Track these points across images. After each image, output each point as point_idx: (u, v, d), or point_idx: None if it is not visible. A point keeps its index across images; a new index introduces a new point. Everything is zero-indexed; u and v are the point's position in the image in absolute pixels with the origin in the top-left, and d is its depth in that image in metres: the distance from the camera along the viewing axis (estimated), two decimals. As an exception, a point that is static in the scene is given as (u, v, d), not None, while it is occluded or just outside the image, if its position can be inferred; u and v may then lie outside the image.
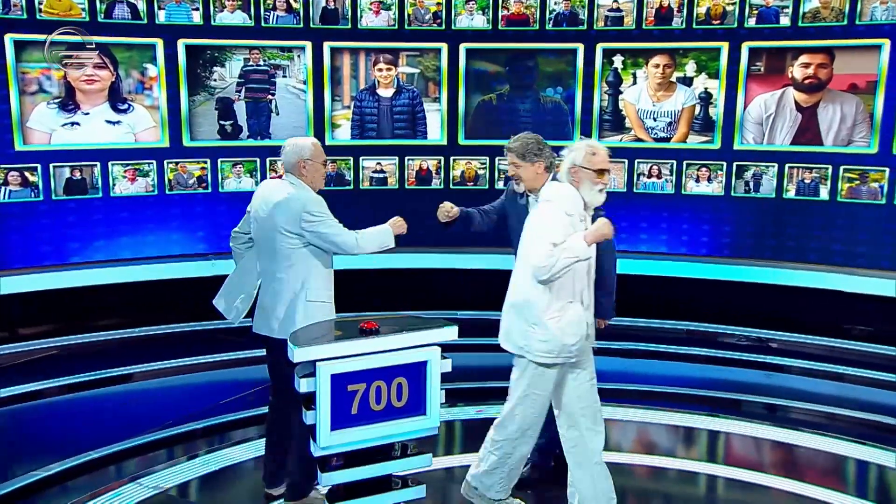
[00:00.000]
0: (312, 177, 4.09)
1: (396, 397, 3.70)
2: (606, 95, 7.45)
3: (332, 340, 3.61)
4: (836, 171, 6.85)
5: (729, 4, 6.96)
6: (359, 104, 7.59)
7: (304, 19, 7.31)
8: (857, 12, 6.60)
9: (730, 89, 7.14)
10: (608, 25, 7.28)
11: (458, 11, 7.43)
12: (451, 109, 7.62)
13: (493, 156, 7.62)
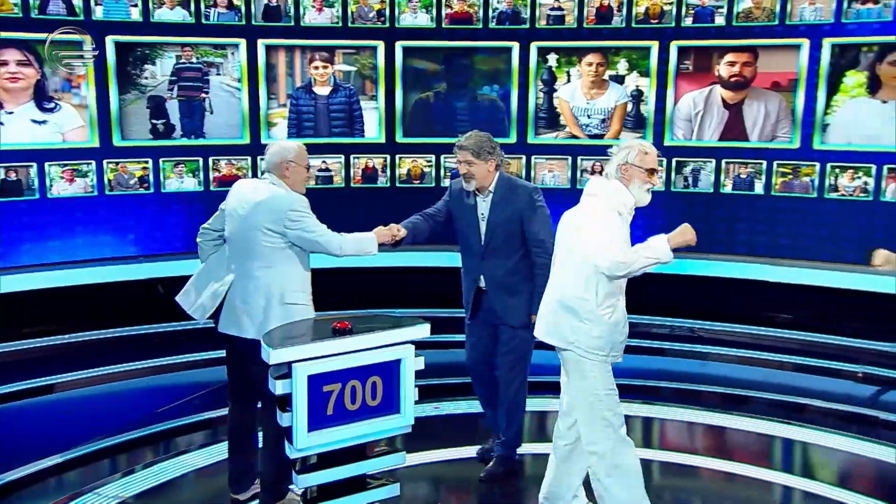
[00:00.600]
0: (294, 179, 4.06)
1: (371, 396, 3.69)
2: (541, 93, 7.56)
3: (308, 341, 3.57)
4: (770, 165, 7.12)
5: (666, 4, 7.15)
6: (295, 102, 7.49)
7: (245, 16, 7.18)
8: (786, 13, 6.88)
9: (660, 87, 7.35)
10: (550, 24, 7.38)
11: (401, 10, 7.42)
12: (389, 107, 7.60)
13: (431, 153, 7.66)
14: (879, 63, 6.71)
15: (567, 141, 7.58)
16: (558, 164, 7.55)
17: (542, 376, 5.55)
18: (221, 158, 7.37)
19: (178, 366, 6.30)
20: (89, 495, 4.39)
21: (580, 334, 3.80)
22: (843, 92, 6.86)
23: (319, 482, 3.68)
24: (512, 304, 4.49)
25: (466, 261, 4.63)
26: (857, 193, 6.83)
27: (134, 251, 7.20)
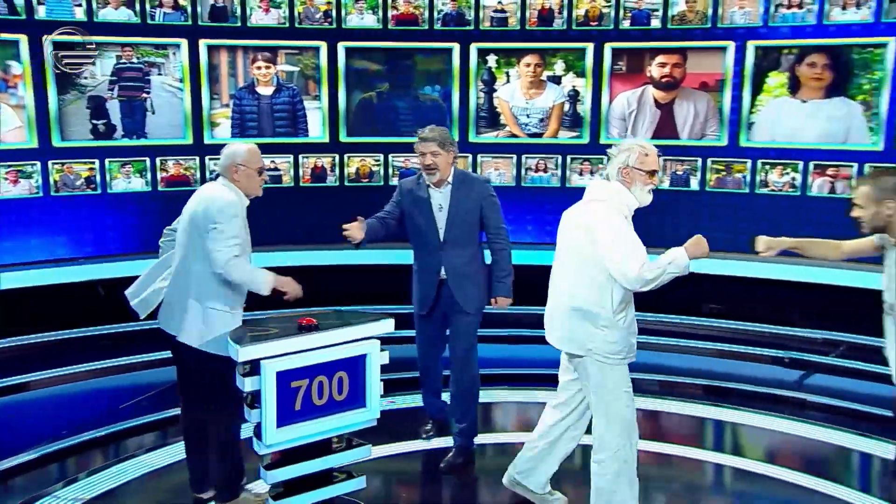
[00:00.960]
0: (246, 183, 4.02)
1: (337, 391, 3.81)
2: (482, 93, 7.72)
3: (275, 338, 3.63)
4: (705, 162, 7.43)
5: (605, 7, 7.40)
6: (238, 102, 7.48)
7: (192, 16, 7.16)
8: (717, 16, 7.18)
9: (595, 87, 7.58)
10: (493, 26, 7.54)
11: (348, 11, 7.48)
12: (332, 107, 7.65)
13: (374, 152, 7.75)
14: (799, 64, 7.05)
15: (507, 140, 7.76)
16: (504, 163, 7.73)
17: (493, 369, 5.76)
18: (169, 158, 7.31)
19: (128, 366, 6.27)
20: (47, 499, 4.35)
21: (597, 341, 3.82)
22: (767, 92, 7.20)
23: (288, 477, 3.77)
24: (471, 292, 4.70)
25: (423, 255, 4.74)
26: (785, 189, 7.17)
27: (81, 252, 7.10)
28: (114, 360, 6.32)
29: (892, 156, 6.76)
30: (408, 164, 7.74)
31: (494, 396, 5.69)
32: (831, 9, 6.83)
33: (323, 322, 3.77)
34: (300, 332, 3.67)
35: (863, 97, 6.87)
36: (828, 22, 6.86)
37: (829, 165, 7.01)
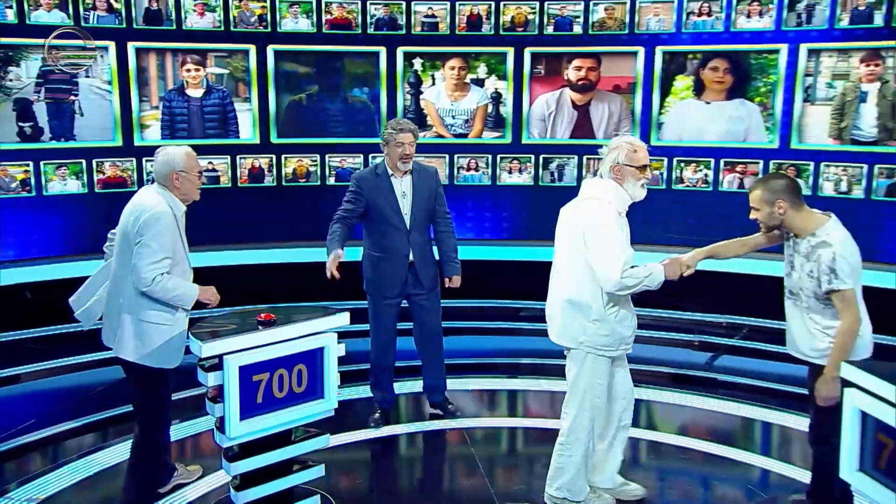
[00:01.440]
0: (186, 189, 3.98)
1: (297, 383, 3.92)
2: (409, 95, 7.94)
3: (237, 333, 3.72)
4: None
5: (530, 13, 7.72)
6: (168, 104, 7.49)
7: (125, 19, 7.16)
8: (634, 23, 7.58)
9: (516, 90, 7.90)
10: (425, 31, 7.78)
11: (282, 15, 7.59)
12: (262, 109, 7.74)
13: (305, 153, 7.89)
14: (703, 69, 7.51)
15: (434, 140, 8.01)
16: (437, 162, 7.96)
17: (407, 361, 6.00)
18: (106, 160, 7.29)
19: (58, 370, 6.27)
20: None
21: (589, 334, 3.96)
22: (674, 94, 7.65)
23: (250, 468, 3.87)
24: (433, 272, 5.18)
25: (389, 241, 5.02)
26: (699, 184, 7.64)
27: (13, 255, 7.04)
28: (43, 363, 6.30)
29: (786, 153, 7.32)
30: (344, 163, 7.93)
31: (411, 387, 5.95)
32: (737, 17, 7.31)
33: (280, 317, 3.89)
34: (261, 328, 3.79)
35: (760, 99, 7.39)
36: (735, 29, 7.33)
37: (737, 162, 7.50)
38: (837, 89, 7.10)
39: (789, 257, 3.92)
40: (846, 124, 7.10)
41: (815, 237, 3.72)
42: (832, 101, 7.13)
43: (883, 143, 6.94)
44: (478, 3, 7.73)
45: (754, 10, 7.24)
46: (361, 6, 7.71)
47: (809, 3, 7.02)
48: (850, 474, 3.17)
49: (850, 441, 3.16)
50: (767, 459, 4.90)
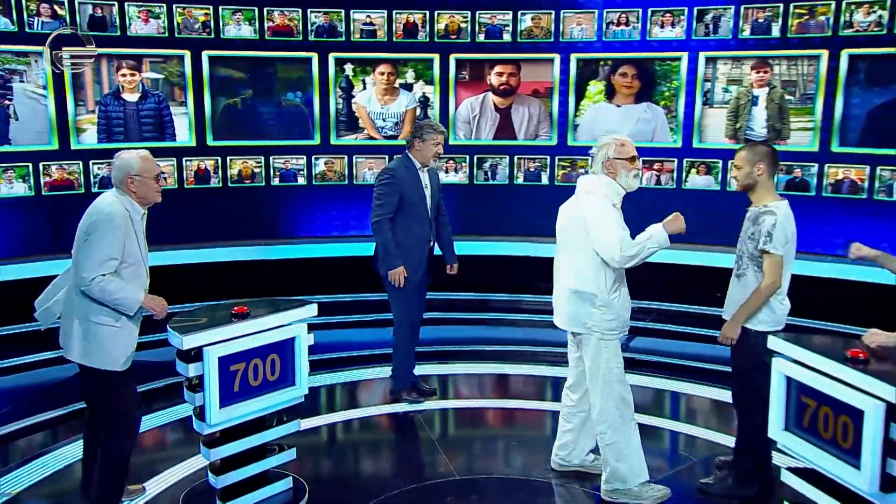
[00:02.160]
0: (143, 192, 3.90)
1: (270, 372, 4.14)
2: (340, 99, 8.21)
3: (215, 326, 3.91)
4: (553, 160, 8.30)
5: (462, 22, 8.09)
6: (104, 108, 7.54)
7: (70, 25, 7.22)
8: (559, 31, 8.03)
9: (443, 94, 8.27)
10: (363, 38, 8.06)
11: (225, 22, 7.75)
12: (198, 113, 7.87)
13: (246, 155, 8.07)
14: (613, 74, 8.05)
15: (365, 142, 8.31)
16: (377, 162, 8.29)
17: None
18: (53, 163, 7.32)
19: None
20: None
21: (596, 319, 4.18)
22: (588, 98, 8.17)
23: (228, 454, 4.09)
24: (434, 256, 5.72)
25: (417, 227, 5.48)
26: None
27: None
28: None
29: (689, 152, 7.93)
30: (288, 164, 8.18)
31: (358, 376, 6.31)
32: (652, 27, 7.84)
33: (253, 310, 4.11)
34: (235, 320, 3.99)
35: (665, 102, 7.98)
36: (650, 38, 7.85)
37: (654, 160, 8.05)
38: (732, 93, 7.76)
39: (743, 227, 4.34)
40: (740, 125, 7.77)
41: (766, 207, 4.21)
42: (728, 105, 7.78)
43: (773, 143, 7.64)
44: (414, 13, 8.07)
45: (667, 20, 7.79)
46: (302, 14, 7.93)
47: (715, 15, 7.64)
48: (777, 433, 3.68)
49: (777, 404, 3.67)
50: (694, 427, 5.38)
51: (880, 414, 3.16)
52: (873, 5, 6.98)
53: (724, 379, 5.70)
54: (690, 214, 4.43)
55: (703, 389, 5.96)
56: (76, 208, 4.15)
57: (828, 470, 3.45)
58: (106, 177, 7.51)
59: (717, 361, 6.05)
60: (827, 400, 3.42)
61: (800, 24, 7.33)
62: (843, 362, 3.37)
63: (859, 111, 7.29)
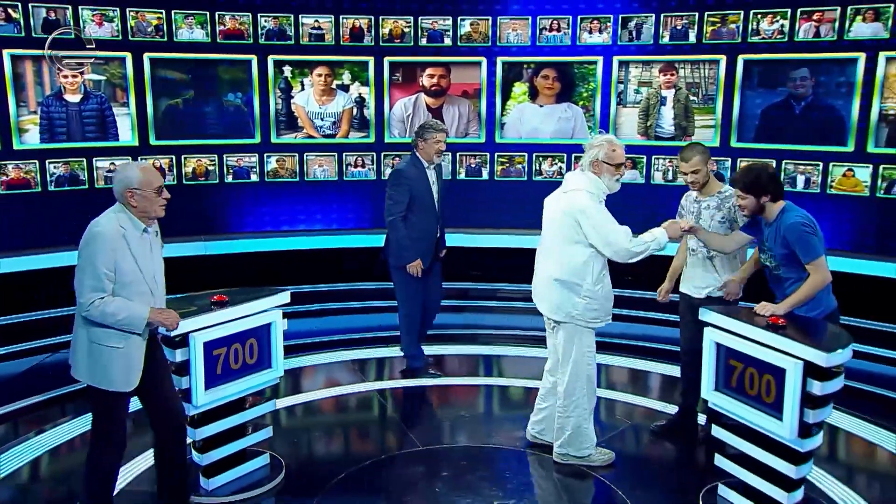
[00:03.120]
0: (143, 206, 3.65)
1: (249, 355, 4.34)
2: (280, 100, 8.30)
3: (199, 313, 4.05)
4: (493, 156, 8.58)
5: (406, 27, 8.30)
6: (46, 109, 7.43)
7: (24, 28, 7.11)
8: (497, 36, 8.33)
9: (378, 94, 8.47)
10: (312, 41, 8.19)
11: (178, 25, 7.74)
12: (141, 113, 7.84)
13: (179, 154, 8.07)
14: (536, 77, 8.40)
15: (304, 140, 8.43)
16: (327, 160, 8.45)
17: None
18: (9, 163, 7.22)
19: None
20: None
21: (580, 308, 4.33)
22: (513, 98, 8.50)
23: (213, 432, 4.27)
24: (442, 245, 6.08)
25: (426, 223, 5.80)
26: (555, 175, 8.41)
27: None
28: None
29: (606, 148, 8.44)
30: (241, 162, 8.27)
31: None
32: (581, 33, 8.20)
33: (232, 298, 4.26)
34: (216, 308, 4.13)
35: (583, 102, 8.39)
36: (580, 43, 8.21)
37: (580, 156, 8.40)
38: (643, 94, 8.27)
39: (695, 216, 4.73)
40: (651, 123, 8.29)
41: (721, 193, 4.68)
42: (639, 105, 8.28)
43: (678, 139, 8.18)
44: (360, 17, 8.25)
45: (595, 27, 8.17)
46: (252, 18, 8.02)
47: (638, 22, 8.09)
48: (709, 393, 4.13)
49: (709, 368, 4.11)
50: (631, 395, 5.76)
51: (799, 371, 3.64)
52: (776, 15, 7.59)
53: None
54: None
55: (652, 365, 6.38)
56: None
57: (753, 423, 3.91)
58: (63, 175, 7.53)
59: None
60: (753, 362, 3.89)
61: (713, 31, 7.85)
62: (766, 328, 3.83)
63: (754, 111, 7.88)
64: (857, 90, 7.34)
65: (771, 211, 4.25)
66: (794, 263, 4.18)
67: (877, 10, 7.14)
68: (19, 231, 7.34)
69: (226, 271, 7.68)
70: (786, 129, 7.73)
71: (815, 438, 3.77)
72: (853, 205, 7.48)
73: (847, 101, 7.43)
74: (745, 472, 4.05)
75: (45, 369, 6.23)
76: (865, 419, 5.25)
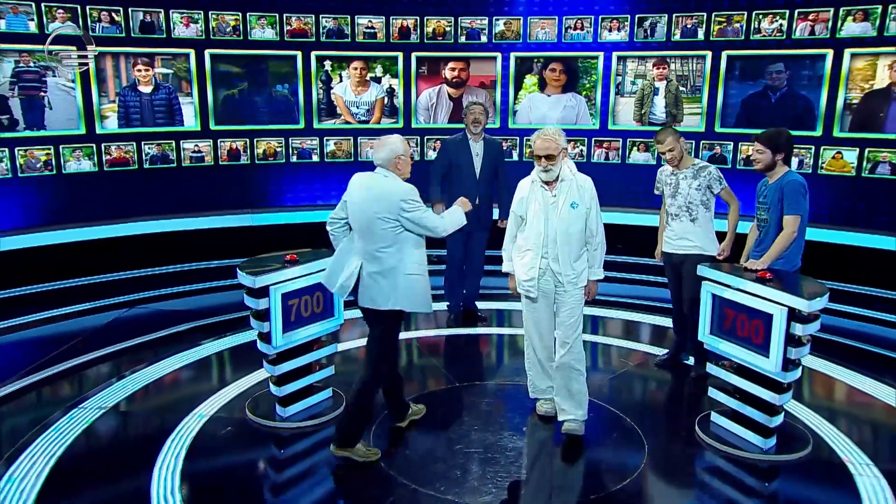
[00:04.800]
0: (405, 170, 3.96)
1: (316, 305, 4.49)
2: (321, 90, 8.49)
3: (277, 270, 4.23)
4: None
5: (448, 26, 8.48)
6: (123, 99, 7.62)
7: (125, 29, 7.37)
8: (527, 34, 8.47)
9: (406, 85, 8.63)
10: (366, 39, 8.41)
11: (251, 26, 7.94)
12: (203, 102, 8.02)
13: (239, 137, 8.25)
14: (545, 70, 8.59)
15: (343, 126, 8.64)
16: (346, 143, 8.62)
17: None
18: (112, 145, 7.53)
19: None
20: (75, 410, 4.54)
21: (585, 275, 4.21)
22: (525, 89, 8.68)
23: (289, 368, 4.43)
24: (488, 215, 6.18)
25: (465, 189, 5.76)
26: (577, 157, 8.47)
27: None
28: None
29: (605, 132, 8.56)
30: (304, 144, 8.53)
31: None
32: (602, 31, 8.32)
33: (301, 258, 4.41)
34: (290, 265, 4.30)
35: (586, 92, 8.57)
36: (602, 41, 8.33)
37: (603, 140, 8.59)
38: (638, 85, 8.43)
39: (673, 187, 4.89)
40: (645, 111, 8.46)
41: (695, 165, 4.86)
42: (635, 95, 8.45)
43: (670, 125, 8.33)
44: (407, 18, 8.41)
45: (614, 26, 8.30)
46: (315, 19, 8.20)
47: (652, 21, 8.21)
48: (705, 336, 4.35)
49: (705, 314, 4.33)
50: (631, 342, 5.87)
51: (784, 316, 3.86)
52: (776, 16, 7.69)
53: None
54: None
55: (643, 317, 6.60)
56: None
57: (744, 360, 4.15)
58: (156, 155, 7.87)
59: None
60: (744, 309, 4.11)
61: (720, 29, 7.95)
62: (756, 281, 4.06)
63: (735, 100, 8.05)
64: (825, 82, 7.51)
65: (778, 170, 4.40)
66: (780, 217, 4.35)
67: (866, 11, 7.25)
68: (118, 202, 7.71)
69: (298, 234, 7.91)
70: (763, 116, 7.90)
71: (795, 372, 3.99)
72: (841, 183, 7.63)
73: (816, 92, 7.60)
74: (734, 401, 4.29)
75: (123, 322, 6.32)
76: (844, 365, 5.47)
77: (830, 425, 4.48)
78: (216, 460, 4.07)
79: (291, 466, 4.12)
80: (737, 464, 4.07)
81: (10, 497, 3.65)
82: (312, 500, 3.76)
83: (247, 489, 3.83)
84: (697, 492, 3.95)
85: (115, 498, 3.71)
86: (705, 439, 4.28)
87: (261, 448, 4.23)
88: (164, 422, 4.45)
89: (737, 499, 3.80)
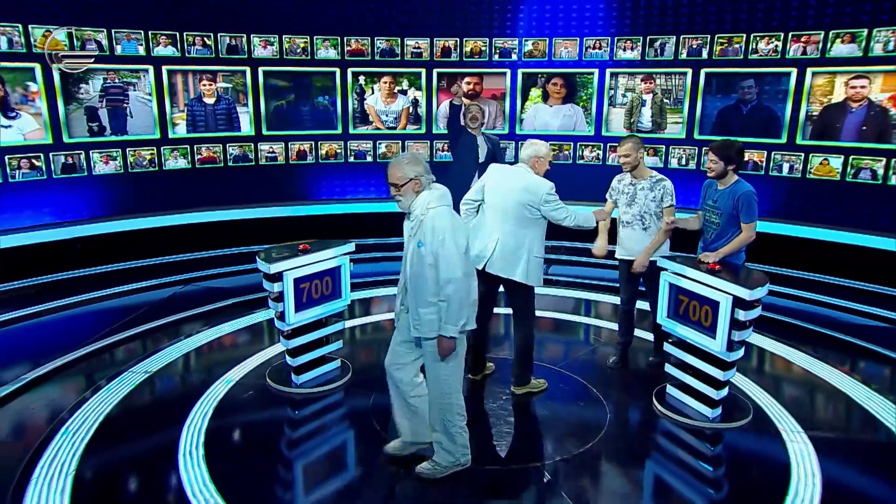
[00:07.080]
0: (540, 169, 4.06)
1: (325, 289, 4.40)
2: (356, 101, 8.35)
3: (290, 258, 4.15)
4: (517, 144, 8.40)
5: (483, 47, 8.18)
6: (190, 109, 7.61)
7: (215, 51, 7.43)
8: (552, 52, 8.12)
9: (429, 97, 8.43)
10: (412, 58, 8.22)
11: (317, 47, 7.91)
12: (256, 111, 7.96)
13: (287, 141, 8.17)
14: (547, 84, 8.28)
15: (374, 132, 8.47)
16: (420, 145, 8.46)
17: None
18: (202, 145, 7.66)
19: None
20: (126, 374, 4.50)
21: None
22: (530, 100, 8.38)
23: (302, 342, 4.37)
24: None
25: (468, 169, 5.96)
26: (561, 158, 8.32)
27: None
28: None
29: (599, 139, 8.24)
30: (360, 147, 8.40)
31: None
32: (617, 50, 7.93)
33: (313, 247, 4.34)
34: (302, 254, 4.23)
35: (583, 103, 8.25)
36: (616, 58, 7.91)
37: (614, 145, 8.12)
38: (628, 97, 8.07)
39: (630, 196, 4.41)
40: (634, 120, 8.10)
41: (654, 177, 4.38)
42: (626, 105, 8.09)
43: (655, 132, 8.00)
44: (448, 39, 8.17)
45: (628, 45, 7.90)
46: (371, 41, 8.07)
47: (662, 42, 7.77)
48: (662, 319, 4.13)
49: (662, 300, 4.11)
50: (600, 320, 5.72)
51: (729, 303, 3.63)
52: (772, 37, 7.22)
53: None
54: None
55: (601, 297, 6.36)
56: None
57: (694, 340, 3.92)
58: (238, 155, 7.88)
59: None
60: (695, 297, 3.87)
61: (721, 49, 7.48)
62: (707, 273, 3.81)
63: (712, 111, 7.65)
64: (790, 96, 7.07)
65: (729, 178, 4.14)
66: (733, 221, 4.10)
67: (853, 34, 6.75)
68: (207, 195, 7.73)
69: (333, 223, 7.91)
70: (735, 125, 7.50)
71: (738, 352, 3.77)
72: (828, 186, 7.14)
73: (782, 105, 7.16)
74: (686, 376, 4.08)
75: (181, 296, 6.26)
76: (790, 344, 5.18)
77: (771, 398, 4.24)
78: (236, 419, 4.02)
79: (302, 426, 4.04)
80: (687, 430, 3.90)
81: (64, 446, 3.65)
82: (320, 454, 3.70)
83: (265, 444, 3.77)
84: (653, 453, 3.78)
85: (148, 450, 3.67)
86: (660, 409, 4.10)
87: (277, 409, 4.16)
88: (198, 384, 4.41)
89: (686, 460, 3.64)
